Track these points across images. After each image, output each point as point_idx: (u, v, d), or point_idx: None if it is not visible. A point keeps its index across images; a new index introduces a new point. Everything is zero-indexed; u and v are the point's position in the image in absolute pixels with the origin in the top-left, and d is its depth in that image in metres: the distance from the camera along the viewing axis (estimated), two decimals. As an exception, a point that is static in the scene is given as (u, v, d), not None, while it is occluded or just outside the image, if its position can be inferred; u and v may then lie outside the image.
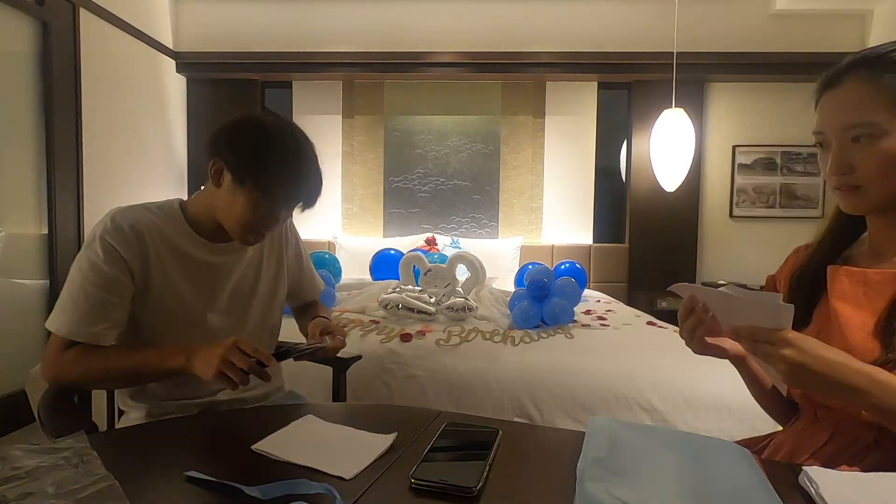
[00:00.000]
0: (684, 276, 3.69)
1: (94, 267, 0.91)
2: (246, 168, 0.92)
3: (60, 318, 0.91)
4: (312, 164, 0.97)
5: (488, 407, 1.67)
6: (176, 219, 1.00)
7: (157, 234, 0.97)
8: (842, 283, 0.77)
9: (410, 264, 2.47)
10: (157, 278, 0.96)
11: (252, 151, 0.92)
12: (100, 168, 2.88)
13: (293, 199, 0.96)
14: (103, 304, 0.91)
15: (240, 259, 1.07)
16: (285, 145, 0.93)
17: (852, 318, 0.73)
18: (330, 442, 0.72)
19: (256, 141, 0.92)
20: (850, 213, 0.78)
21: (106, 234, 0.93)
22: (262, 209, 0.94)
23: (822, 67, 0.79)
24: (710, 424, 1.59)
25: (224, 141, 0.94)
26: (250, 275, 1.09)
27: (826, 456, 0.73)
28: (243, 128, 0.94)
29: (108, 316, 0.92)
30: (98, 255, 0.92)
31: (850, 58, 0.74)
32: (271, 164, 0.91)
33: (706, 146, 3.71)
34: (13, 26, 2.40)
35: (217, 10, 3.64)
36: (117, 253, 0.92)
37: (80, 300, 0.91)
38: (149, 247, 0.95)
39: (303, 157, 0.95)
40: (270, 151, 0.92)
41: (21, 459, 0.55)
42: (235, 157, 0.92)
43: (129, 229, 0.94)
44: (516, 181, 3.81)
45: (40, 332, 2.55)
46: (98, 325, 0.91)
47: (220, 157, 0.94)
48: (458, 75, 3.67)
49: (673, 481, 0.58)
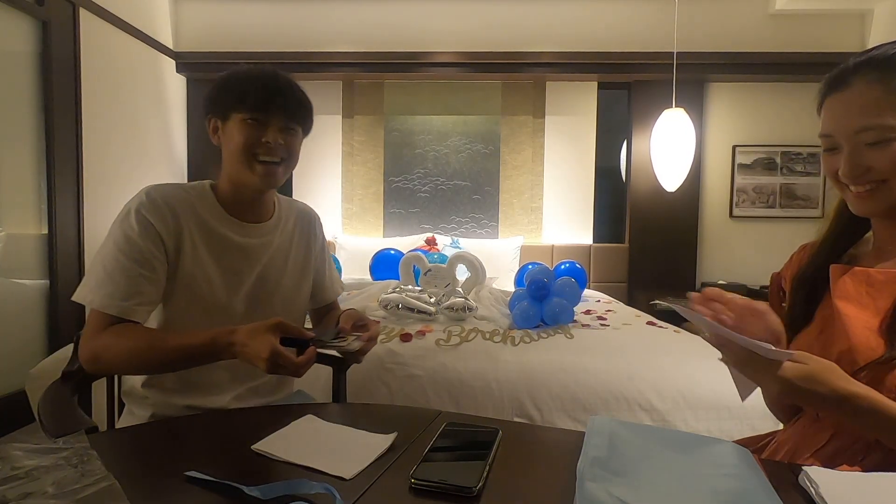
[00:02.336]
0: (684, 276, 3.69)
1: (130, 240, 0.91)
2: (222, 101, 0.97)
3: (94, 290, 0.89)
4: (280, 74, 1.00)
5: (488, 407, 1.66)
6: (207, 197, 1.01)
7: (191, 211, 0.97)
8: (845, 283, 0.76)
9: (410, 264, 2.47)
10: (188, 256, 0.96)
11: (223, 85, 0.98)
12: (100, 168, 2.88)
13: (263, 99, 0.96)
14: (138, 277, 0.90)
15: (269, 243, 1.06)
16: (248, 68, 1.00)
17: (855, 317, 0.73)
18: (330, 442, 0.72)
19: (225, 78, 0.99)
20: (860, 216, 0.77)
21: (142, 207, 0.92)
22: (249, 126, 0.96)
23: (822, 67, 0.79)
24: (710, 424, 1.59)
25: (207, 98, 1.00)
26: (277, 263, 1.08)
27: (827, 456, 0.73)
28: (215, 81, 1.01)
29: (142, 291, 0.90)
30: (133, 228, 0.91)
31: (855, 58, 0.73)
32: (237, 81, 0.97)
33: (706, 146, 3.71)
34: (13, 26, 2.40)
35: (217, 10, 3.64)
36: (152, 227, 0.92)
37: (115, 273, 0.89)
38: (182, 223, 0.95)
39: (266, 69, 1.00)
40: (235, 75, 0.99)
41: (21, 459, 0.55)
42: (215, 100, 0.99)
43: (165, 204, 0.94)
44: (516, 181, 3.81)
45: (40, 332, 2.55)
46: (132, 300, 0.89)
47: (208, 112, 1.00)
48: (458, 75, 3.67)
49: (673, 481, 0.58)
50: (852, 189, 0.74)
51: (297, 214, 1.15)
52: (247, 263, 1.03)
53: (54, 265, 2.58)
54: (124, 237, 0.91)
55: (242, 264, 1.02)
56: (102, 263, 0.91)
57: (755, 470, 0.61)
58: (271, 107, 0.97)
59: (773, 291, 0.95)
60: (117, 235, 0.92)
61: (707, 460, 0.63)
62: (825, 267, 0.81)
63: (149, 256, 0.91)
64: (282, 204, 1.13)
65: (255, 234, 1.04)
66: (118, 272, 0.89)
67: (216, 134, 1.00)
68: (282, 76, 1.00)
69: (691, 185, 3.58)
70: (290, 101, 0.99)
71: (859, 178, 0.73)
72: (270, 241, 1.07)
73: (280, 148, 0.98)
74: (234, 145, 0.96)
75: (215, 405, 1.02)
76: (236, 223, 1.02)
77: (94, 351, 0.88)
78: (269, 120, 0.97)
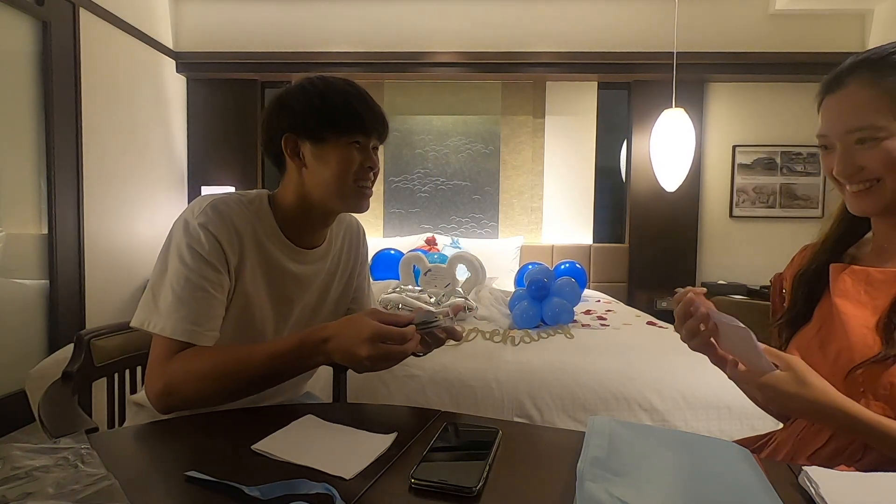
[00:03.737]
0: (684, 276, 3.69)
1: (199, 257, 0.82)
2: (318, 121, 0.88)
3: (163, 315, 0.80)
4: (360, 87, 0.93)
5: (488, 407, 1.66)
6: (266, 217, 0.93)
7: (251, 231, 0.89)
8: (844, 282, 0.77)
9: (410, 264, 2.47)
10: (247, 281, 0.89)
11: (315, 103, 0.88)
12: (100, 168, 2.88)
13: (371, 121, 0.90)
14: (211, 300, 0.82)
15: (320, 271, 1.00)
16: (330, 81, 0.91)
17: (853, 316, 0.74)
18: (330, 442, 0.72)
19: (311, 93, 0.89)
20: (858, 216, 0.78)
21: (209, 223, 0.83)
22: (354, 150, 0.89)
23: (822, 67, 0.79)
24: (710, 424, 1.59)
25: (284, 112, 0.90)
26: (324, 288, 1.02)
27: (826, 456, 0.73)
28: (292, 92, 0.91)
29: (214, 315, 0.83)
30: (203, 245, 0.82)
31: (851, 59, 0.74)
32: (335, 100, 0.88)
33: (706, 146, 3.71)
34: (13, 26, 2.40)
35: (217, 10, 3.64)
36: (220, 246, 0.84)
37: (186, 295, 0.81)
38: (245, 244, 0.88)
39: (349, 82, 0.92)
40: (328, 92, 0.89)
41: (21, 459, 0.55)
42: (304, 120, 0.88)
43: (231, 221, 0.86)
44: (516, 181, 3.81)
45: (40, 332, 2.56)
46: (204, 325, 0.81)
47: (289, 130, 0.89)
48: (458, 75, 3.67)
49: (673, 481, 0.58)
50: (848, 188, 0.76)
51: (345, 229, 1.08)
52: (297, 292, 0.97)
53: (54, 265, 2.58)
54: (192, 254, 0.82)
55: (294, 293, 0.96)
56: (169, 284, 0.82)
57: (755, 470, 0.61)
58: (374, 129, 0.91)
59: (774, 293, 0.96)
60: (183, 252, 0.82)
61: (707, 460, 0.63)
62: (826, 266, 0.82)
63: (218, 277, 0.84)
64: (333, 223, 1.04)
65: (309, 260, 0.97)
66: (189, 293, 0.81)
67: (297, 154, 0.90)
68: (362, 88, 0.93)
69: (691, 185, 3.58)
70: (384, 119, 0.94)
71: (853, 177, 0.74)
72: (322, 269, 1.00)
73: (374, 171, 0.94)
74: (333, 170, 0.88)
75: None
76: (293, 249, 0.94)
77: (167, 381, 0.79)
78: (370, 142, 0.92)
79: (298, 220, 0.94)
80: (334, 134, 0.88)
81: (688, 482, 0.58)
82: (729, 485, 0.58)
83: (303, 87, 0.90)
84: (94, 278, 2.82)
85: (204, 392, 0.80)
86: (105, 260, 2.95)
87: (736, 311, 2.51)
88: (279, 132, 0.90)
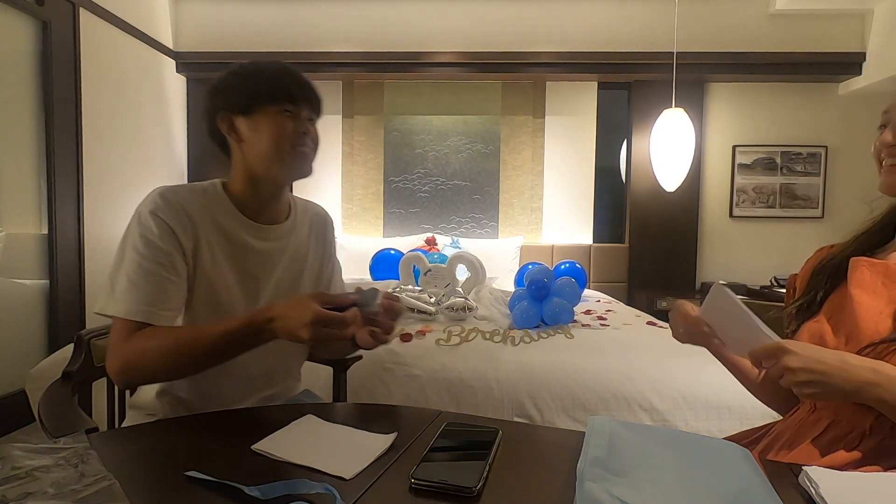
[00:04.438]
0: (684, 276, 3.70)
1: (150, 243, 0.87)
2: (248, 96, 0.94)
3: (119, 299, 0.85)
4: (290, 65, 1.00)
5: (488, 407, 1.67)
6: (220, 197, 0.98)
7: (205, 213, 0.94)
8: (862, 273, 0.79)
9: (410, 264, 2.47)
10: (207, 262, 0.92)
11: (242, 80, 0.95)
12: (100, 168, 2.88)
13: (298, 90, 0.96)
14: (164, 281, 0.87)
15: (285, 247, 1.03)
16: (259, 61, 0.98)
17: (867, 305, 0.76)
18: (330, 442, 0.72)
19: (234, 72, 0.97)
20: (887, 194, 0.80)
21: (157, 209, 0.89)
22: (285, 118, 0.94)
23: (822, 67, 0.80)
24: (710, 424, 1.59)
25: (216, 94, 0.97)
26: (294, 270, 1.05)
27: (824, 444, 0.75)
28: (221, 77, 0.98)
29: (168, 296, 0.87)
30: (153, 231, 0.87)
31: None
32: (266, 75, 0.95)
33: (706, 146, 3.71)
34: (13, 26, 2.40)
35: (217, 10, 3.64)
36: (170, 229, 0.88)
37: (139, 278, 0.85)
38: (198, 226, 0.92)
39: (280, 62, 0.99)
40: (253, 67, 0.96)
41: (21, 459, 0.55)
42: (234, 96, 0.95)
43: (180, 206, 0.91)
44: (516, 181, 3.81)
45: (40, 332, 2.55)
46: (158, 305, 0.86)
47: (223, 108, 0.95)
48: (458, 75, 3.67)
49: (673, 481, 0.58)
50: (885, 163, 0.78)
51: (312, 217, 1.13)
52: (264, 269, 1.00)
53: (54, 265, 2.58)
54: (143, 241, 0.87)
55: (260, 270, 0.99)
56: (125, 271, 0.87)
57: (755, 470, 0.61)
58: (303, 99, 0.96)
59: (789, 291, 0.97)
60: (136, 240, 0.87)
61: (707, 460, 0.63)
62: (847, 260, 0.83)
63: (171, 259, 0.88)
64: (297, 205, 1.10)
65: (272, 236, 1.01)
66: (142, 277, 0.85)
67: (233, 130, 0.96)
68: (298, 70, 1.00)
69: (691, 185, 3.58)
70: (315, 92, 1.00)
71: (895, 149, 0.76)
72: (287, 245, 1.04)
73: (309, 137, 0.98)
74: (267, 138, 0.93)
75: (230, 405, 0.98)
76: (253, 225, 0.99)
77: (124, 359, 0.84)
78: (301, 111, 0.96)
79: (252, 197, 0.99)
80: (263, 104, 0.93)
81: (688, 482, 0.58)
82: (729, 485, 0.58)
83: (232, 69, 0.98)
84: (94, 278, 2.82)
85: (159, 368, 0.84)
86: (105, 260, 2.94)
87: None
88: (214, 113, 0.96)
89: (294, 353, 1.10)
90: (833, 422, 0.76)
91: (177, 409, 0.96)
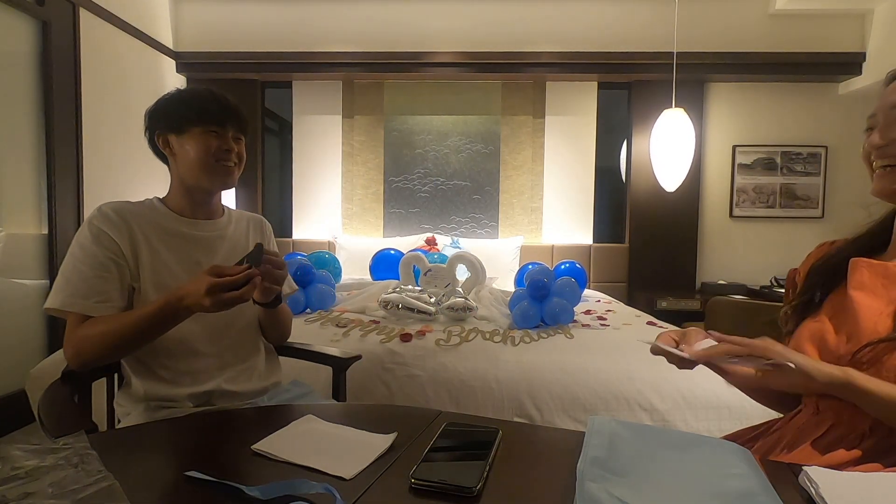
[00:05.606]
0: (684, 276, 3.70)
1: (84, 248, 1.01)
2: (179, 118, 1.08)
3: (55, 295, 1.00)
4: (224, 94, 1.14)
5: (488, 407, 1.67)
6: (160, 207, 1.12)
7: (142, 218, 1.08)
8: (862, 274, 0.79)
9: (410, 264, 2.47)
10: (147, 256, 1.05)
11: (173, 103, 1.10)
12: (100, 168, 2.88)
13: (223, 114, 1.09)
14: (95, 279, 1.00)
15: (224, 236, 1.17)
16: (193, 88, 1.13)
17: (867, 306, 0.76)
18: (330, 442, 0.72)
19: (169, 98, 1.12)
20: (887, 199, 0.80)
21: (94, 219, 1.04)
22: (210, 137, 1.08)
23: (822, 67, 0.81)
24: (710, 424, 1.59)
25: (153, 118, 1.11)
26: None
27: (825, 444, 0.75)
28: (159, 101, 1.13)
29: (100, 290, 1.00)
30: (88, 238, 1.02)
31: None
32: (194, 100, 1.09)
33: (706, 146, 3.71)
34: (13, 26, 2.40)
35: (217, 10, 3.64)
36: (105, 234, 1.02)
37: (73, 278, 1.00)
38: (134, 228, 1.06)
39: (210, 89, 1.13)
40: (186, 94, 1.12)
41: (21, 459, 0.55)
42: (167, 117, 1.09)
43: (115, 214, 1.05)
44: (516, 181, 3.81)
45: (40, 333, 2.55)
46: (92, 298, 0.99)
47: (158, 129, 1.10)
48: (458, 75, 3.67)
49: (673, 481, 0.58)
50: (875, 164, 0.78)
51: (249, 218, 1.27)
52: (206, 254, 1.12)
53: (54, 265, 2.58)
54: (79, 247, 1.02)
55: (201, 255, 1.12)
56: (63, 271, 1.01)
57: (755, 470, 0.61)
58: (227, 120, 1.10)
59: (788, 286, 0.97)
60: (73, 247, 1.03)
61: (707, 460, 0.63)
62: (846, 260, 0.84)
63: (103, 259, 1.01)
64: (232, 210, 1.24)
65: (209, 228, 1.15)
66: (75, 276, 1.00)
67: (168, 146, 1.10)
68: (227, 95, 1.14)
69: (691, 185, 3.58)
70: (240, 115, 1.13)
71: (884, 150, 0.77)
72: (225, 234, 1.17)
73: (234, 154, 1.12)
74: (195, 154, 1.08)
75: (208, 388, 1.06)
76: (189, 221, 1.13)
77: (74, 346, 0.98)
78: (226, 132, 1.10)
79: (187, 204, 1.13)
80: (192, 124, 1.08)
81: (688, 482, 0.58)
82: (729, 485, 0.58)
83: (168, 95, 1.12)
84: (94, 278, 2.82)
85: (103, 350, 0.97)
86: (105, 260, 2.94)
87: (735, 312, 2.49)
88: (152, 131, 1.11)
89: (247, 327, 1.18)
90: (834, 424, 0.76)
91: (157, 388, 1.04)
